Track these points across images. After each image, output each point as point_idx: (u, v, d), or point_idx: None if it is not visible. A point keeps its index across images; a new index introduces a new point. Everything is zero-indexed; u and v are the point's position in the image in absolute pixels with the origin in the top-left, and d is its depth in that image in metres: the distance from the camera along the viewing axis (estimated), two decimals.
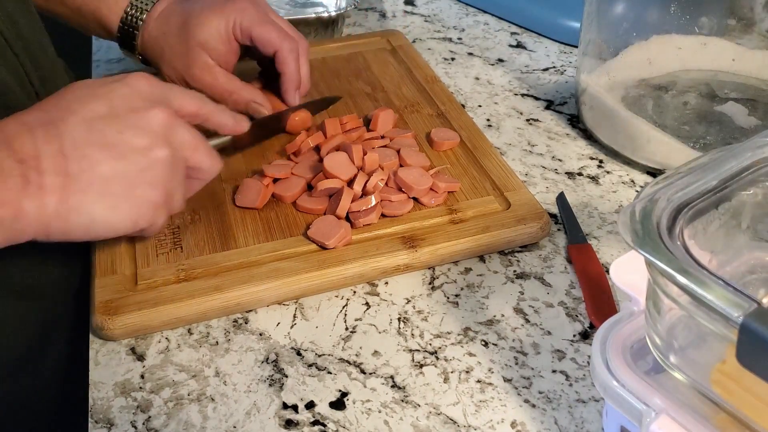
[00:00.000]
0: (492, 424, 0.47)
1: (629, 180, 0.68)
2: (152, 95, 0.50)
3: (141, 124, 0.47)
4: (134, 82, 0.49)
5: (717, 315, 0.30)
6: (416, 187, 0.61)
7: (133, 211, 0.47)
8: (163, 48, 0.69)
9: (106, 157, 0.46)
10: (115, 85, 0.49)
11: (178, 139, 0.49)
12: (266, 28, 0.67)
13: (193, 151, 0.51)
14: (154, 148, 0.48)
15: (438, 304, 0.56)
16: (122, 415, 0.48)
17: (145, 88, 0.49)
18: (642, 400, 0.36)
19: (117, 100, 0.48)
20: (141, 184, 0.47)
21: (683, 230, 0.34)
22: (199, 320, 0.54)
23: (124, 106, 0.48)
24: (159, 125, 0.48)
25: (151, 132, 0.48)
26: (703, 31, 0.70)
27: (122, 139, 0.47)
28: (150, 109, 0.48)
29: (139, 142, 0.47)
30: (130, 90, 0.49)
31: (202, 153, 0.52)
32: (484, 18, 0.99)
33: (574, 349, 0.52)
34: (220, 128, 0.57)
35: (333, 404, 0.48)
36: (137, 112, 0.48)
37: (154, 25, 0.69)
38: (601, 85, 0.72)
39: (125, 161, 0.47)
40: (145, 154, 0.47)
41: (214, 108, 0.55)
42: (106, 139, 0.46)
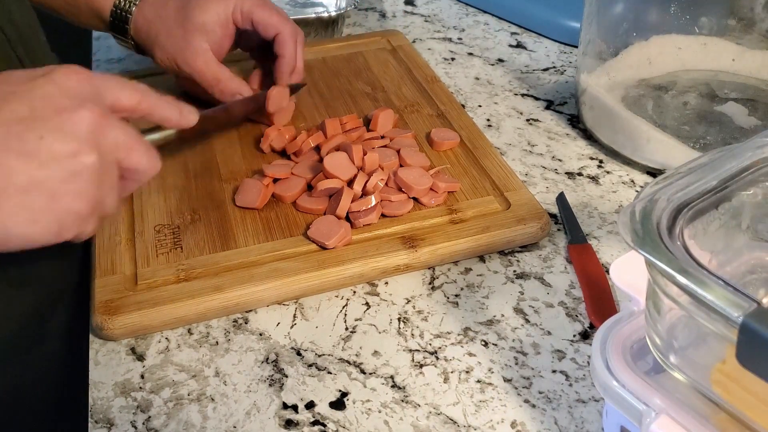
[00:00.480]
0: (492, 424, 0.47)
1: (629, 180, 0.68)
2: (81, 93, 0.44)
3: (65, 128, 0.42)
4: (61, 79, 0.44)
5: (717, 315, 0.30)
6: (416, 187, 0.61)
7: (54, 224, 0.42)
8: (158, 30, 0.69)
9: (25, 166, 0.41)
10: (39, 82, 0.43)
11: (109, 140, 0.44)
12: (268, 11, 0.69)
13: (127, 153, 0.46)
14: (80, 155, 0.42)
15: (438, 304, 0.56)
16: (122, 415, 0.48)
17: (74, 84, 0.44)
18: (642, 400, 0.36)
19: (39, 100, 0.42)
20: (64, 195, 0.42)
21: (683, 230, 0.34)
22: (199, 320, 0.54)
23: (47, 107, 0.42)
24: (86, 128, 0.43)
25: (76, 136, 0.42)
26: (703, 31, 0.70)
27: (43, 145, 0.41)
28: (76, 110, 0.43)
29: (62, 149, 0.42)
30: (55, 87, 0.43)
31: (138, 154, 0.47)
32: (484, 18, 0.99)
33: (574, 349, 0.52)
34: (165, 122, 0.52)
35: (333, 404, 0.48)
36: (62, 114, 0.42)
37: (150, 8, 0.70)
38: (601, 85, 0.72)
39: (46, 170, 0.41)
40: (69, 162, 0.42)
41: (157, 100, 0.50)
42: (24, 145, 0.41)
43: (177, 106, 0.53)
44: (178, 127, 0.55)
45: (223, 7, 0.69)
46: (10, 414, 0.59)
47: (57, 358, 0.62)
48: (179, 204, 0.63)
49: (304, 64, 0.77)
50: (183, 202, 0.63)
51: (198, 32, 0.68)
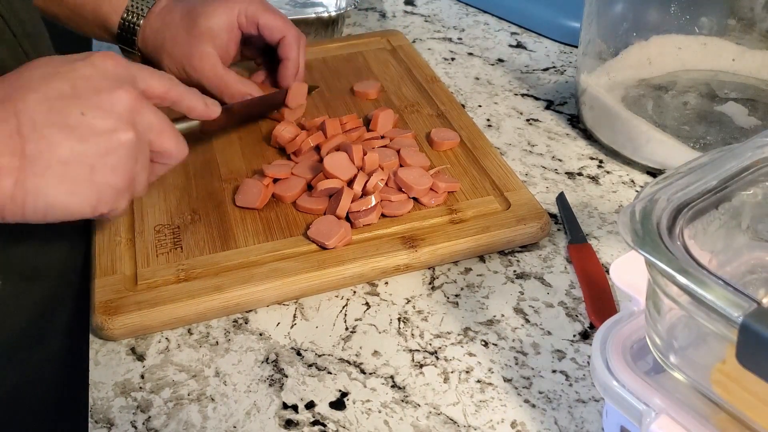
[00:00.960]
0: (492, 424, 0.47)
1: (629, 180, 0.68)
2: (118, 76, 0.47)
3: (105, 106, 0.45)
4: (99, 62, 0.47)
5: (717, 315, 0.30)
6: (416, 187, 0.61)
7: (93, 196, 0.45)
8: (164, 38, 0.70)
9: (66, 139, 0.43)
10: (78, 64, 0.46)
11: (143, 122, 0.47)
12: (272, 15, 0.71)
13: (158, 135, 0.49)
14: (118, 131, 0.45)
15: (438, 304, 0.56)
16: (122, 415, 0.48)
17: (111, 68, 0.47)
18: (642, 400, 0.36)
19: (80, 80, 0.45)
20: (102, 168, 0.45)
21: (683, 230, 0.34)
22: (199, 320, 0.54)
23: (88, 87, 0.45)
24: (123, 107, 0.46)
25: (114, 114, 0.45)
26: (703, 31, 0.70)
27: (84, 121, 0.44)
28: (115, 90, 0.46)
29: (101, 125, 0.45)
30: (94, 70, 0.46)
31: (168, 137, 0.50)
32: (484, 18, 0.99)
33: (574, 349, 0.52)
34: (190, 112, 0.55)
35: (333, 404, 0.48)
36: (101, 93, 0.45)
37: (156, 18, 0.71)
38: (601, 85, 0.72)
39: (86, 144, 0.44)
40: (107, 138, 0.45)
41: (184, 90, 0.54)
42: (66, 120, 0.44)
43: (202, 98, 0.55)
44: (203, 118, 0.57)
45: (228, 12, 0.70)
46: (11, 414, 0.59)
47: (57, 357, 0.62)
48: (179, 204, 0.63)
49: (305, 63, 0.77)
50: (183, 202, 0.63)
51: (204, 37, 0.69)
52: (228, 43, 0.71)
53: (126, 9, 0.71)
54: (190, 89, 0.54)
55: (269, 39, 0.71)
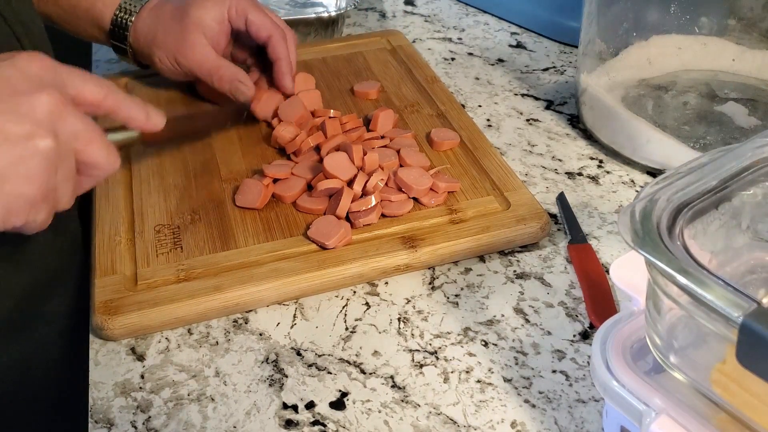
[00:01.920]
0: (492, 424, 0.47)
1: (629, 180, 0.68)
2: (42, 78, 0.44)
3: (22, 110, 0.41)
4: (23, 63, 0.43)
5: (717, 315, 0.30)
6: (416, 187, 0.61)
7: (2, 207, 0.41)
8: (156, 32, 0.71)
9: None
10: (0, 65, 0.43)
11: (67, 129, 0.43)
12: (261, 13, 0.71)
13: (85, 145, 0.45)
14: (34, 138, 0.41)
15: (438, 304, 0.56)
16: (122, 415, 0.48)
17: (36, 70, 0.44)
18: (642, 400, 0.36)
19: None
20: (14, 177, 0.41)
21: (683, 230, 0.34)
22: (199, 320, 0.54)
23: (5, 89, 0.42)
24: (44, 112, 0.42)
25: (32, 119, 0.41)
26: (703, 31, 0.70)
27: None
28: (35, 93, 0.42)
29: (15, 130, 0.41)
30: (15, 71, 0.43)
31: (97, 147, 0.46)
32: (484, 18, 0.99)
33: (574, 349, 0.52)
34: (129, 122, 0.51)
35: (333, 404, 0.48)
36: (20, 96, 0.42)
37: (149, 14, 0.72)
38: (601, 85, 0.72)
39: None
40: (22, 144, 0.41)
41: (123, 99, 0.50)
42: None
43: (144, 108, 0.52)
44: (144, 130, 0.53)
45: (219, 3, 0.71)
46: (11, 414, 0.59)
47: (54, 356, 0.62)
48: (179, 204, 0.63)
49: (305, 63, 0.77)
50: (183, 202, 0.63)
51: (195, 27, 0.70)
52: (219, 35, 0.71)
53: (119, 6, 0.72)
54: (130, 98, 0.51)
55: (256, 37, 0.72)
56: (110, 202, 0.63)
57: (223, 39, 0.72)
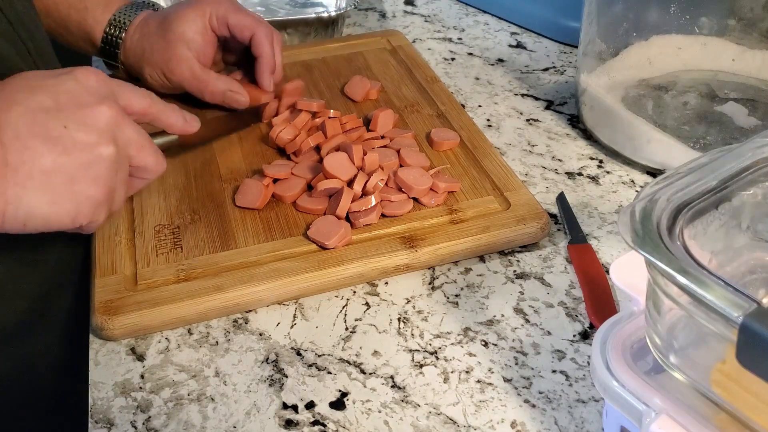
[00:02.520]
0: (492, 424, 0.47)
1: (629, 180, 0.68)
2: (100, 91, 0.48)
3: (87, 120, 0.46)
4: (82, 77, 0.48)
5: (717, 315, 0.30)
6: (416, 187, 0.61)
7: (72, 208, 0.46)
8: (143, 48, 0.72)
9: (49, 151, 0.45)
10: (62, 78, 0.48)
11: (124, 137, 0.49)
12: (241, 15, 0.72)
13: (138, 150, 0.50)
14: (99, 145, 0.46)
15: (438, 304, 0.56)
16: (122, 415, 0.48)
17: (93, 83, 0.48)
18: (642, 400, 0.36)
19: (63, 95, 0.47)
20: (83, 180, 0.46)
21: (683, 230, 0.34)
22: (199, 320, 0.54)
23: (71, 101, 0.47)
24: (105, 122, 0.47)
25: (96, 128, 0.47)
26: (703, 31, 0.70)
27: (66, 134, 0.45)
28: (97, 105, 0.47)
29: (83, 138, 0.46)
30: (77, 84, 0.47)
31: (148, 152, 0.51)
32: (484, 18, 0.99)
33: (574, 349, 0.52)
34: (169, 128, 0.57)
35: (333, 404, 0.48)
36: (84, 108, 0.47)
37: (136, 30, 0.72)
38: (601, 85, 0.72)
39: (68, 156, 0.45)
40: (89, 151, 0.46)
41: (164, 107, 0.55)
42: (49, 132, 0.45)
43: (181, 114, 0.57)
44: (182, 133, 0.59)
45: (200, 15, 0.71)
46: (11, 414, 0.59)
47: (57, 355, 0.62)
48: (179, 204, 0.63)
49: (305, 63, 0.77)
50: (183, 202, 0.63)
51: (179, 42, 0.70)
52: (204, 46, 0.72)
53: (109, 23, 0.72)
54: (169, 105, 0.56)
55: (240, 38, 0.72)
56: None
57: (209, 49, 0.73)
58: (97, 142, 0.46)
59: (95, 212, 0.47)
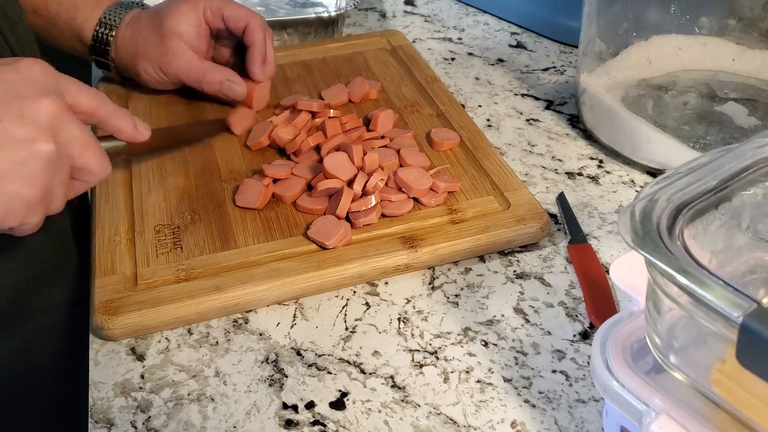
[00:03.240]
0: (492, 424, 0.47)
1: (629, 180, 0.68)
2: (44, 84, 0.45)
3: (26, 114, 0.43)
4: (25, 68, 0.44)
5: (717, 315, 0.30)
6: (416, 187, 0.61)
7: (1, 208, 0.42)
8: (137, 44, 0.72)
9: None
10: (3, 69, 0.44)
11: (66, 134, 0.45)
12: (235, 6, 0.72)
13: (81, 151, 0.46)
14: (37, 142, 0.43)
15: (438, 304, 0.56)
16: (122, 415, 0.48)
17: (38, 75, 0.45)
18: (642, 400, 0.36)
19: (2, 85, 0.43)
20: (15, 179, 0.42)
21: (683, 230, 0.34)
22: (199, 320, 0.54)
23: (9, 93, 0.43)
24: (46, 117, 0.43)
25: (35, 123, 0.43)
26: (703, 31, 0.70)
27: (1, 128, 0.42)
28: (39, 99, 0.43)
29: (19, 133, 0.42)
30: (18, 76, 0.44)
31: (92, 154, 0.47)
32: (484, 18, 0.99)
33: (574, 349, 0.52)
34: (118, 133, 0.53)
35: (333, 404, 0.48)
36: (23, 100, 0.43)
37: (127, 28, 0.72)
38: (601, 85, 0.72)
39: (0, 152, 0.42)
40: (25, 147, 0.42)
41: (114, 110, 0.51)
42: None
43: (132, 119, 0.53)
44: (131, 141, 0.55)
45: (194, 8, 0.71)
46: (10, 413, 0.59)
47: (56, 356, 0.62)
48: (179, 204, 0.63)
49: (305, 63, 0.76)
50: (183, 202, 0.63)
51: (174, 35, 0.70)
52: (198, 39, 0.72)
53: (99, 21, 0.72)
54: (120, 109, 0.52)
55: (234, 29, 0.72)
56: (110, 202, 0.63)
57: (203, 42, 0.73)
58: (34, 138, 0.43)
59: (27, 214, 0.44)
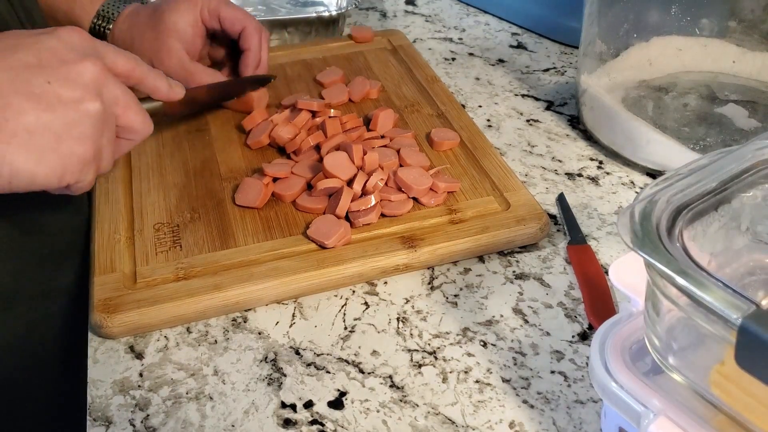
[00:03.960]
0: (490, 424, 0.47)
1: (629, 181, 0.68)
2: (84, 48, 0.47)
3: (71, 76, 0.45)
4: (65, 35, 0.47)
5: (716, 317, 0.30)
6: (416, 187, 0.60)
7: (59, 166, 0.44)
8: (133, 38, 0.72)
9: (33, 108, 0.43)
10: (43, 36, 0.46)
11: (109, 94, 0.47)
12: (233, 8, 0.73)
13: (124, 109, 0.49)
14: (84, 101, 0.45)
15: (437, 304, 0.56)
16: (121, 413, 0.48)
17: (77, 40, 0.47)
18: (640, 401, 0.36)
19: (45, 51, 0.45)
20: (68, 137, 0.45)
21: (683, 232, 0.35)
22: (198, 319, 0.54)
23: (54, 57, 0.45)
24: (90, 78, 0.46)
25: (81, 84, 0.45)
26: (703, 32, 0.70)
27: (50, 90, 0.44)
28: (81, 61, 0.46)
29: (68, 94, 0.45)
30: (59, 42, 0.46)
31: (135, 112, 0.50)
32: (485, 18, 0.99)
33: (573, 350, 0.52)
34: (154, 92, 0.55)
35: (331, 403, 0.48)
36: (67, 64, 0.45)
37: (125, 21, 0.73)
38: (602, 86, 0.72)
39: (52, 113, 0.44)
40: (74, 107, 0.45)
41: (149, 70, 0.54)
42: (32, 89, 0.44)
43: (166, 79, 0.55)
44: (166, 99, 0.57)
45: (192, 8, 0.72)
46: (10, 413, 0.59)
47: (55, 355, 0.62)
48: (179, 202, 0.63)
49: (305, 63, 0.76)
50: (183, 200, 0.63)
51: (170, 33, 0.71)
52: (193, 38, 0.72)
53: (97, 13, 0.73)
54: (154, 70, 0.54)
55: (230, 31, 0.73)
56: (110, 200, 0.63)
57: (198, 41, 0.73)
58: (81, 98, 0.45)
59: (82, 171, 0.46)
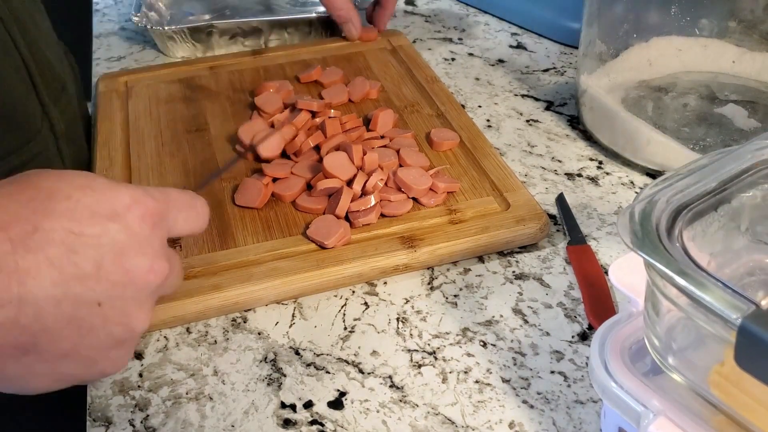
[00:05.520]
0: (490, 424, 0.47)
1: (629, 181, 0.68)
2: (153, 247, 0.37)
3: (128, 309, 0.37)
4: (135, 224, 0.37)
5: (715, 317, 0.30)
6: (416, 187, 0.60)
7: (96, 372, 0.38)
8: None
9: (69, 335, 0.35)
10: (109, 227, 0.36)
11: (161, 291, 0.39)
12: None
13: (167, 285, 0.39)
14: (131, 343, 0.38)
15: (437, 304, 0.56)
16: (120, 413, 0.48)
17: (147, 232, 0.37)
18: (640, 401, 0.36)
19: (108, 255, 0.36)
20: (105, 359, 0.37)
21: (682, 232, 0.34)
22: (198, 319, 0.54)
23: (117, 266, 0.36)
24: (149, 293, 0.38)
25: (136, 331, 0.38)
26: (703, 32, 0.70)
27: (99, 313, 0.36)
28: (146, 273, 0.37)
29: (118, 332, 0.37)
30: (127, 238, 0.36)
31: (174, 276, 0.40)
32: (485, 18, 0.99)
33: (573, 350, 0.52)
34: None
35: (331, 404, 0.48)
36: (129, 276, 0.36)
37: None
38: (602, 86, 0.72)
39: (93, 337, 0.36)
40: (119, 337, 0.37)
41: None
42: (77, 312, 0.35)
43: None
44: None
45: None
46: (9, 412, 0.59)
47: None
48: None
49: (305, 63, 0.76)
50: None
51: None
52: None
53: None
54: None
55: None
56: None
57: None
58: (132, 332, 0.37)
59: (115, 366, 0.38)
